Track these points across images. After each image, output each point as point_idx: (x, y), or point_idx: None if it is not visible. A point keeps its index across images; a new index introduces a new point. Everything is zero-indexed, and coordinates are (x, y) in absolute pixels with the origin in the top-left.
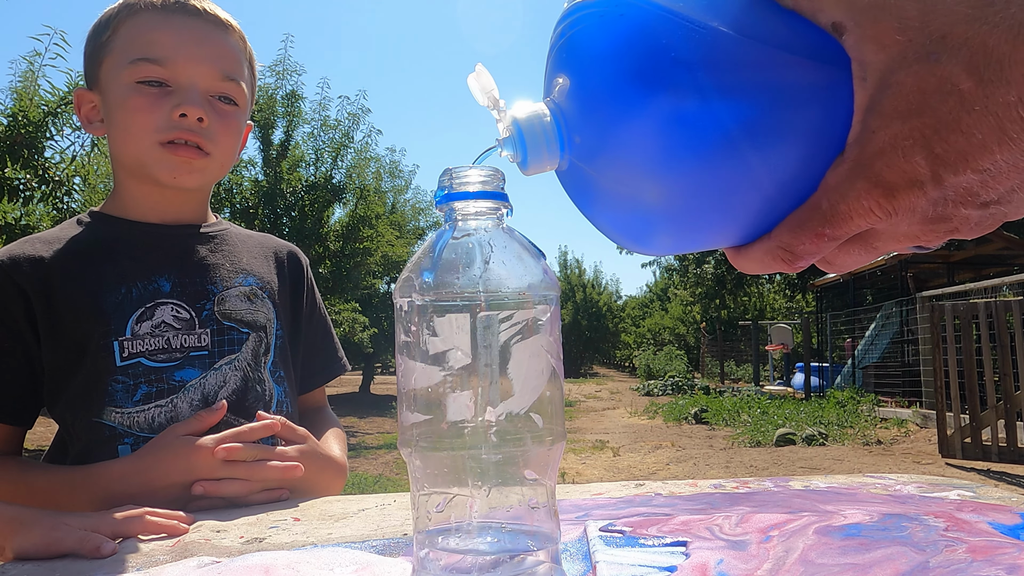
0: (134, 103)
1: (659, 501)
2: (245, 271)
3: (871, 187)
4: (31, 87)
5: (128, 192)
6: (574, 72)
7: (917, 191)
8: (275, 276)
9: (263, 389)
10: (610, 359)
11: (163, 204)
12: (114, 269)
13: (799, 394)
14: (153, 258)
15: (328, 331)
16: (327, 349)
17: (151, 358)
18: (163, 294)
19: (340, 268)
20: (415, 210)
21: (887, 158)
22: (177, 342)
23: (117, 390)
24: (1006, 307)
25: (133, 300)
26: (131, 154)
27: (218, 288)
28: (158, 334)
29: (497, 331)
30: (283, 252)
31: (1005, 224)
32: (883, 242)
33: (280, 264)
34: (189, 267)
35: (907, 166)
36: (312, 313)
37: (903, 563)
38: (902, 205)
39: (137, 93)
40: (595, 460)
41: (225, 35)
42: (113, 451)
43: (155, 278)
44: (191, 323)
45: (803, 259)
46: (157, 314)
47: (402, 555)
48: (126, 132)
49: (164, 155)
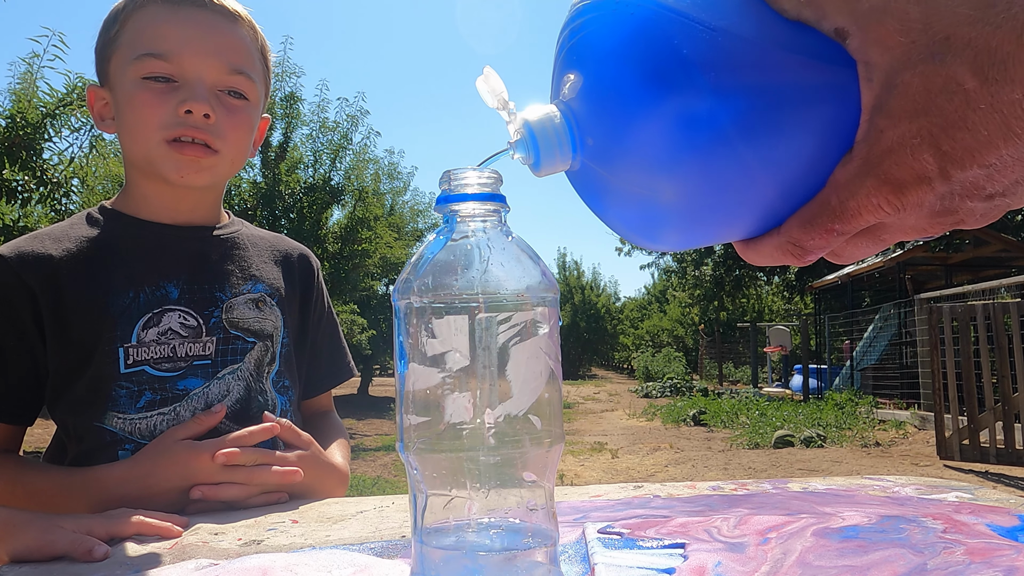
0: (140, 99)
1: (657, 503)
2: (255, 277)
3: (880, 184)
4: (29, 89)
5: (139, 190)
6: (586, 73)
7: (925, 187)
8: (285, 281)
9: (265, 399)
10: (608, 361)
11: (174, 203)
12: (123, 272)
13: (797, 396)
14: (163, 261)
15: (336, 335)
16: (335, 353)
17: (156, 367)
18: (170, 300)
19: (338, 270)
20: (414, 212)
21: (896, 156)
22: (183, 350)
23: (121, 395)
24: (1004, 309)
25: (140, 305)
26: (139, 152)
27: (227, 295)
28: (164, 342)
29: (495, 333)
30: (294, 255)
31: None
32: (890, 234)
33: (291, 267)
34: (199, 272)
35: (915, 163)
36: (321, 317)
37: (901, 565)
38: (910, 200)
39: (143, 89)
40: (594, 462)
41: (233, 26)
42: (113, 456)
43: (163, 284)
44: (198, 331)
45: (812, 253)
46: (164, 321)
47: (400, 557)
48: (133, 129)
49: (170, 153)
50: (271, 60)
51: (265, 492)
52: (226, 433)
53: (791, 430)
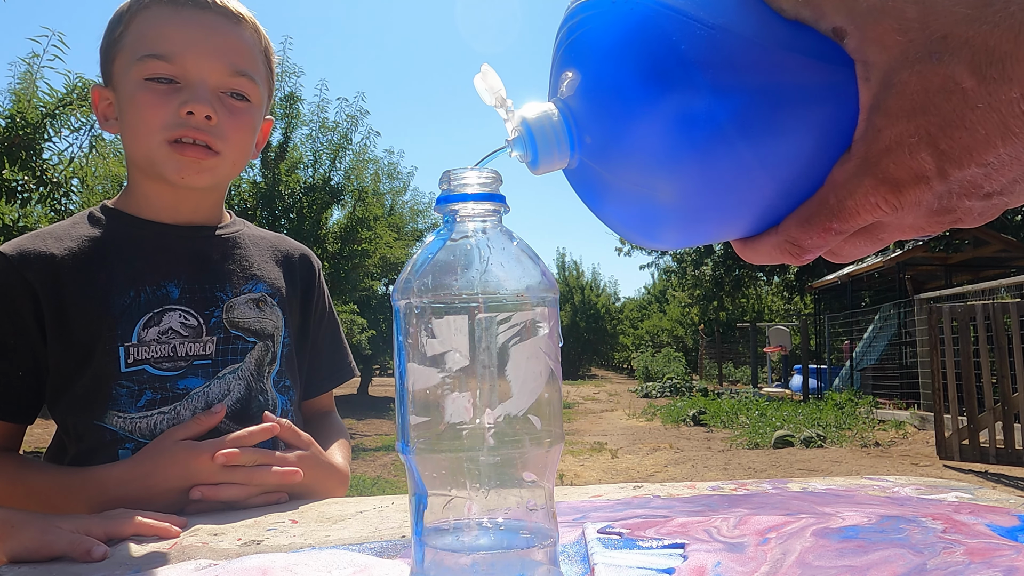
0: (142, 100)
1: (657, 503)
2: (256, 277)
3: (878, 183)
4: (29, 89)
5: (141, 190)
6: (584, 71)
7: (923, 186)
8: (286, 281)
9: (266, 399)
10: (608, 361)
11: (176, 203)
12: (124, 271)
13: (797, 396)
14: (164, 261)
15: (337, 336)
16: (336, 354)
17: (156, 366)
18: (171, 300)
19: (338, 270)
20: (413, 212)
21: (894, 155)
22: (183, 350)
23: (121, 395)
24: (1003, 309)
25: (141, 305)
26: (141, 153)
27: (228, 294)
28: (165, 341)
29: (495, 333)
30: (296, 255)
31: (1003, 227)
32: (888, 233)
33: (292, 267)
34: (200, 272)
35: (913, 162)
36: (322, 317)
37: (900, 565)
38: (908, 200)
39: (145, 90)
40: (593, 462)
41: (236, 28)
42: (113, 455)
43: (164, 283)
44: (198, 330)
45: (810, 252)
46: (165, 320)
47: (400, 557)
48: (135, 130)
49: (171, 154)
50: (275, 62)
51: (265, 492)
52: (226, 433)
53: (791, 430)
